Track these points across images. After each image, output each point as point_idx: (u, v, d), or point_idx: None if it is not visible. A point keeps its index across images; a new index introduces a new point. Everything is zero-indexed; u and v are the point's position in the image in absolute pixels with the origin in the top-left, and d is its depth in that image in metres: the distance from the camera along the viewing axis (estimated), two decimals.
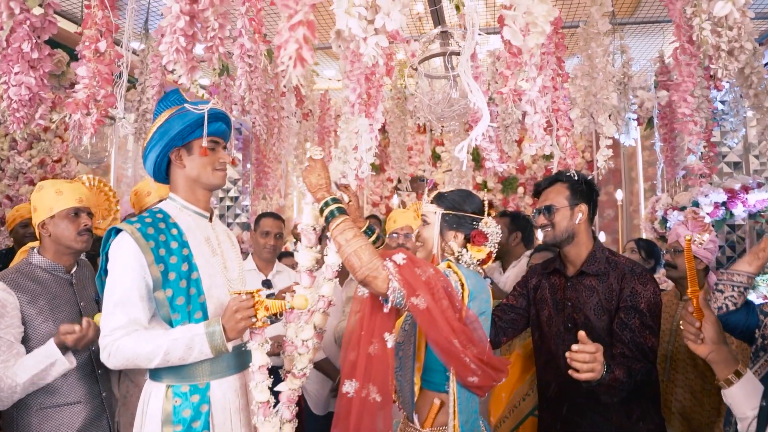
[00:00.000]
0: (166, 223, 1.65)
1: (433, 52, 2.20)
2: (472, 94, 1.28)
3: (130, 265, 1.55)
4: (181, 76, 1.42)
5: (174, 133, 1.64)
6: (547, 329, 2.04)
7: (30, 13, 1.98)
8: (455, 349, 1.50)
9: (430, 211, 1.75)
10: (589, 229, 2.01)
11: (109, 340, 1.52)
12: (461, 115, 2.27)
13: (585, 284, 1.95)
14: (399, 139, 4.04)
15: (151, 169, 1.75)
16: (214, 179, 1.73)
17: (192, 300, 1.60)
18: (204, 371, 1.61)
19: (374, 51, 1.42)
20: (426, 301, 1.46)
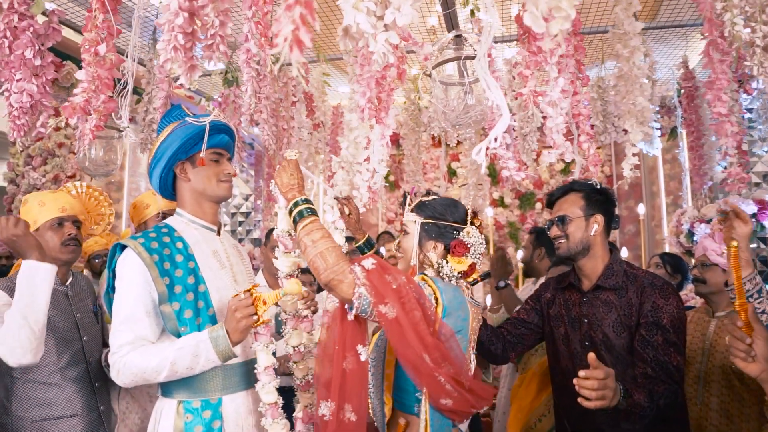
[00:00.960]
0: (171, 237, 1.63)
1: (448, 57, 2.11)
2: (491, 91, 1.18)
3: (135, 281, 1.52)
4: (180, 77, 1.34)
5: (177, 147, 1.64)
6: (563, 348, 1.92)
7: (33, 20, 1.94)
8: (426, 366, 1.37)
9: (410, 220, 1.66)
10: (605, 241, 1.90)
11: (116, 357, 1.49)
12: (477, 122, 2.17)
13: (602, 299, 1.83)
14: (413, 152, 3.95)
15: (158, 185, 1.73)
16: (219, 191, 1.70)
17: (201, 313, 1.57)
18: (216, 386, 1.57)
19: (384, 48, 1.34)
20: (395, 311, 1.35)
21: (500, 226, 6.22)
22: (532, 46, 1.55)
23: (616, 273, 1.83)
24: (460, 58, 2.02)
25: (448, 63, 2.39)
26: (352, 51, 1.77)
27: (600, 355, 1.79)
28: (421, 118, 3.91)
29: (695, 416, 2.47)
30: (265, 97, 2.35)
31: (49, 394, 1.77)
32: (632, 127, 1.83)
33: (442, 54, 2.19)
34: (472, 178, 3.93)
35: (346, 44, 1.43)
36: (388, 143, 1.84)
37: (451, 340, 1.45)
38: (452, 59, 2.07)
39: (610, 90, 3.06)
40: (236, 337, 1.49)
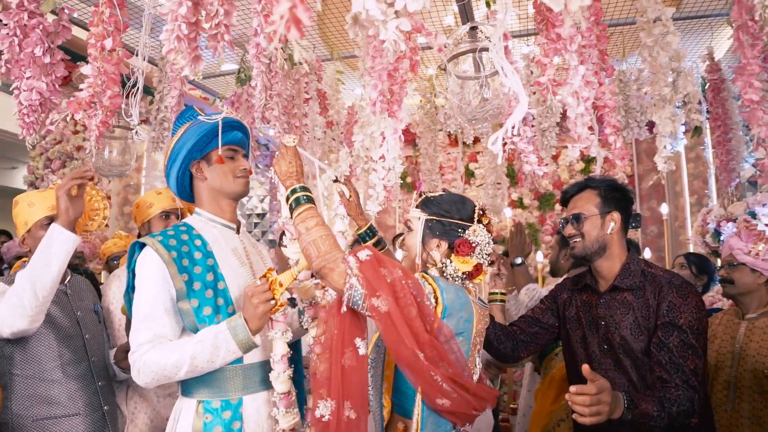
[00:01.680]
0: (190, 234, 1.62)
1: (463, 50, 2.05)
2: (506, 76, 1.11)
3: (154, 278, 1.51)
4: (185, 68, 1.30)
5: (191, 146, 1.63)
6: (580, 351, 1.84)
7: (43, 18, 1.93)
8: (421, 364, 1.30)
9: (414, 217, 1.60)
10: (622, 240, 1.81)
11: (136, 356, 1.47)
12: (494, 117, 2.10)
13: (619, 300, 1.75)
14: (429, 150, 3.88)
15: (175, 187, 1.73)
16: (236, 186, 1.69)
17: (220, 310, 1.54)
18: (236, 385, 1.54)
19: (395, 36, 1.28)
20: (388, 305, 1.28)
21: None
22: (551, 33, 1.48)
23: (633, 273, 1.75)
24: (475, 50, 1.95)
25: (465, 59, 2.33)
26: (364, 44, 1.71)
27: (618, 359, 1.72)
28: (437, 116, 3.85)
29: (725, 423, 2.36)
30: (276, 94, 2.31)
31: (51, 391, 1.74)
32: (661, 119, 1.73)
33: (458, 48, 2.13)
34: (490, 177, 3.85)
35: (356, 32, 1.37)
36: (401, 137, 1.78)
37: (450, 342, 1.38)
38: (467, 51, 2.00)
39: (632, 84, 2.95)
40: (255, 325, 1.46)
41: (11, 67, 1.90)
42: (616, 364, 1.73)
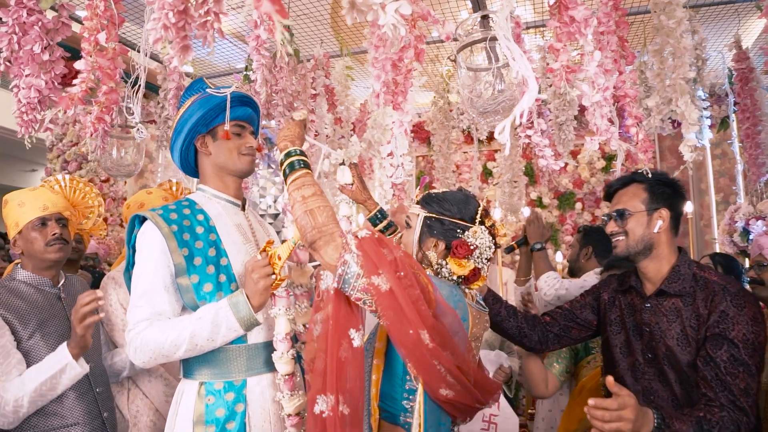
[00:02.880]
0: (192, 209, 1.56)
1: (473, 40, 1.95)
2: (515, 60, 1.02)
3: (153, 253, 1.45)
4: (173, 58, 1.23)
5: (197, 119, 1.56)
6: (620, 357, 1.70)
7: (42, 15, 1.89)
8: (425, 348, 1.19)
9: (414, 213, 1.50)
10: (671, 240, 1.66)
11: (133, 334, 1.41)
12: (507, 109, 2.00)
13: (666, 307, 1.59)
14: (443, 148, 3.78)
15: (179, 160, 1.67)
16: (241, 164, 1.62)
17: (222, 287, 1.48)
18: (240, 366, 1.48)
19: (394, 20, 1.20)
20: (390, 283, 1.17)
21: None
22: (564, 16, 1.38)
23: (684, 277, 1.59)
24: (485, 40, 1.85)
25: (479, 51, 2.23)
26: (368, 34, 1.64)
27: (662, 371, 1.58)
28: (450, 113, 3.75)
29: None
30: (281, 89, 2.24)
31: (48, 403, 1.67)
32: (686, 104, 1.61)
33: (468, 38, 2.03)
34: (506, 175, 3.73)
35: (353, 18, 1.29)
36: (406, 131, 1.70)
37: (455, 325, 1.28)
38: (477, 41, 1.91)
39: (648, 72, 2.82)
40: (257, 301, 1.40)
41: (10, 65, 1.86)
42: (660, 375, 1.59)
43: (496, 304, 1.84)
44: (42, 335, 1.73)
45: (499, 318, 1.84)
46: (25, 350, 1.70)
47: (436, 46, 3.56)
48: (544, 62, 2.77)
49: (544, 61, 2.77)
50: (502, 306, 1.85)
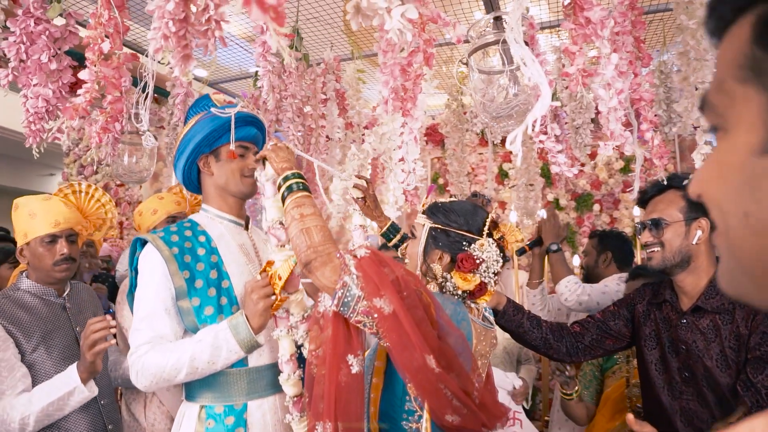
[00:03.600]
0: (194, 231, 1.55)
1: (484, 42, 1.90)
2: (526, 65, 0.97)
3: (155, 277, 1.45)
4: (174, 68, 1.20)
5: (200, 139, 1.56)
6: (656, 375, 1.60)
7: (49, 24, 1.88)
8: (430, 372, 1.12)
9: (419, 223, 1.45)
10: (711, 252, 1.53)
11: (135, 357, 1.40)
12: (521, 114, 1.94)
13: (704, 325, 1.48)
14: (457, 151, 3.72)
15: (181, 177, 1.66)
16: (243, 187, 1.60)
17: (223, 310, 1.47)
18: (240, 390, 1.46)
19: (400, 24, 1.15)
20: (393, 304, 1.11)
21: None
22: (579, 17, 1.32)
23: (722, 292, 1.48)
24: (498, 42, 1.80)
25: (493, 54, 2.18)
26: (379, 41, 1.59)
27: (701, 392, 1.47)
28: (464, 115, 3.69)
29: None
30: (290, 95, 2.21)
31: None
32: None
33: (480, 40, 1.98)
34: (522, 179, 3.66)
35: (358, 23, 1.25)
36: (416, 138, 1.65)
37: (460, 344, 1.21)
38: (489, 44, 1.85)
39: (674, 75, 2.73)
40: (256, 322, 1.38)
41: (18, 74, 1.86)
42: (699, 396, 1.48)
43: (517, 315, 1.76)
44: (46, 348, 1.72)
45: (521, 330, 1.76)
46: (29, 363, 1.68)
47: (450, 48, 3.50)
48: (560, 63, 2.69)
49: (560, 63, 2.69)
50: (525, 317, 1.77)
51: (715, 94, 0.40)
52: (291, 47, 2.26)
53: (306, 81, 2.47)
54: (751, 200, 0.36)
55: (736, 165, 0.37)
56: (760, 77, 0.36)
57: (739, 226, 0.37)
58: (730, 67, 0.39)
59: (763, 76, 0.36)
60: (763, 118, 0.35)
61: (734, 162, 0.37)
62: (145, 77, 2.02)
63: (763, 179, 0.35)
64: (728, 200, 0.38)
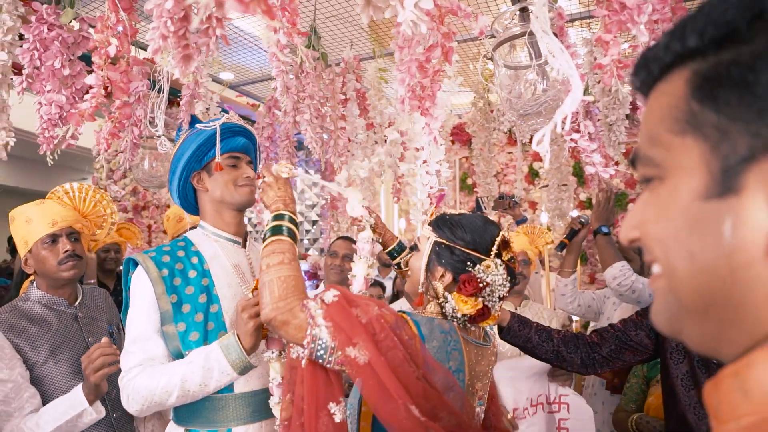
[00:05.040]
0: (187, 251, 1.52)
1: (510, 35, 1.78)
2: (554, 57, 0.86)
3: (145, 300, 1.43)
4: (174, 69, 1.13)
5: (189, 155, 1.54)
6: (682, 392, 1.50)
7: (62, 30, 1.85)
8: (414, 420, 1.01)
9: (424, 235, 1.33)
10: None
11: (125, 381, 1.37)
12: (550, 111, 1.82)
13: None
14: (484, 151, 3.59)
15: (178, 199, 1.63)
16: (238, 196, 1.56)
17: (209, 336, 1.43)
18: (226, 416, 1.42)
19: (413, 15, 1.06)
20: (368, 353, 1.02)
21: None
22: (614, 2, 1.20)
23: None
24: (523, 35, 1.68)
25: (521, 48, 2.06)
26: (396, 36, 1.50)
27: None
28: (491, 114, 3.56)
29: None
30: (308, 96, 2.13)
31: None
32: None
33: (506, 33, 1.86)
34: (553, 179, 3.51)
35: (369, 16, 1.16)
36: (436, 138, 1.55)
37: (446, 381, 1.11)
38: (515, 36, 1.74)
39: None
40: (248, 342, 1.33)
41: (33, 81, 1.84)
42: None
43: (524, 330, 1.65)
44: (55, 361, 1.68)
45: (529, 345, 1.65)
46: (38, 377, 1.64)
47: (476, 43, 3.38)
48: (592, 57, 2.55)
49: (592, 56, 2.55)
50: (532, 331, 1.66)
51: (650, 147, 0.43)
52: (308, 46, 2.19)
53: (324, 81, 2.40)
54: (697, 241, 0.38)
55: (681, 208, 0.40)
56: (699, 129, 0.39)
57: (684, 266, 0.39)
58: (665, 121, 0.41)
59: (702, 128, 0.38)
60: (705, 165, 0.38)
61: (678, 206, 0.40)
62: (160, 80, 1.98)
63: (708, 221, 0.37)
64: (673, 242, 0.40)
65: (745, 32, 0.36)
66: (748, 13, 0.36)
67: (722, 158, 0.37)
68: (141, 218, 5.71)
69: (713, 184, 0.38)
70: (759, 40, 0.36)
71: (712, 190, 0.38)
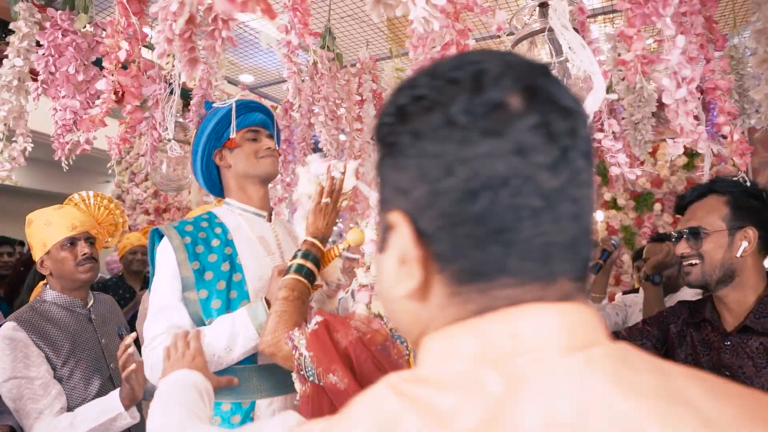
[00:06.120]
0: (210, 222, 1.53)
1: (529, 32, 1.72)
2: (574, 53, 0.80)
3: (169, 268, 1.42)
4: (181, 73, 1.11)
5: (209, 134, 1.54)
6: None
7: (76, 35, 1.85)
8: None
9: None
10: (759, 265, 1.37)
11: (148, 350, 1.36)
12: None
13: (752, 348, 1.30)
14: None
15: (203, 182, 1.63)
16: (261, 167, 1.55)
17: (231, 304, 1.41)
18: (249, 387, 1.41)
19: (425, 12, 1.01)
20: (345, 379, 1.03)
21: (613, 231, 5.53)
22: None
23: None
24: (542, 31, 1.62)
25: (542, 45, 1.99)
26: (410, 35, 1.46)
27: None
28: None
29: None
30: (323, 97, 2.10)
31: None
32: None
33: (525, 29, 1.80)
34: None
35: (380, 14, 1.12)
36: None
37: None
38: (535, 33, 1.67)
39: (747, 61, 2.43)
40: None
41: (48, 86, 1.84)
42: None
43: None
44: (75, 362, 1.70)
45: None
46: (59, 378, 1.66)
47: (497, 41, 3.31)
48: (615, 52, 2.46)
49: (615, 51, 2.46)
50: None
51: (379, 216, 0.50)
52: (323, 47, 2.15)
53: (340, 82, 2.36)
54: (379, 282, 0.49)
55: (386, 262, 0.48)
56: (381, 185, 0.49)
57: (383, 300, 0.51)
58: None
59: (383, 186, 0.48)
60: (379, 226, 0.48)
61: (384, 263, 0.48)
62: (173, 84, 1.97)
63: (380, 265, 0.48)
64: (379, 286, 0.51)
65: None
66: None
67: (380, 222, 0.48)
68: (163, 220, 5.77)
69: (380, 243, 0.48)
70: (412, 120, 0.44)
71: (379, 247, 0.48)
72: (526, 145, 0.40)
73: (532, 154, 0.40)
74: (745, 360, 1.30)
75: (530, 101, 0.41)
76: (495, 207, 0.40)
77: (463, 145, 0.40)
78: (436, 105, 0.42)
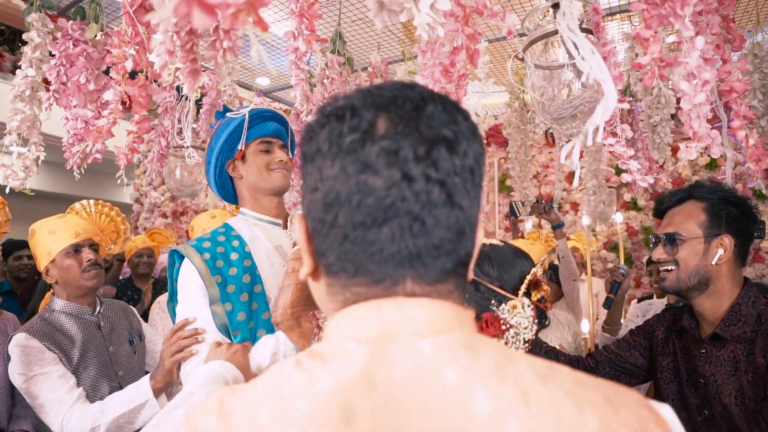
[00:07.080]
0: (227, 235, 1.52)
1: (541, 34, 1.67)
2: (583, 60, 0.77)
3: (193, 288, 1.41)
4: (183, 85, 1.09)
5: (222, 144, 1.54)
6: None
7: (87, 45, 1.86)
8: None
9: None
10: (735, 273, 1.34)
11: (190, 367, 1.36)
12: (585, 114, 1.70)
13: (724, 356, 1.28)
14: (520, 154, 3.47)
15: (217, 191, 1.63)
16: (272, 181, 1.53)
17: (254, 316, 1.41)
18: None
19: (429, 18, 0.98)
20: None
21: (633, 232, 5.42)
22: None
23: (745, 318, 1.27)
24: (552, 35, 1.57)
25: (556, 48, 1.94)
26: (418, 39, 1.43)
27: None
28: (527, 115, 3.43)
29: None
30: None
31: None
32: None
33: (537, 31, 1.75)
34: (592, 181, 3.34)
35: (384, 21, 1.09)
36: None
37: None
38: (547, 35, 1.63)
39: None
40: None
41: (59, 96, 1.85)
42: None
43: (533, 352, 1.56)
44: (84, 369, 1.71)
45: None
46: None
47: (509, 41, 3.26)
48: (633, 52, 2.40)
49: (633, 51, 2.40)
50: (542, 351, 1.58)
51: None
52: (333, 51, 2.13)
53: (350, 87, 2.34)
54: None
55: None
56: None
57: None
58: None
59: None
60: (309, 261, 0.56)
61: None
62: (185, 91, 1.97)
63: (313, 288, 0.58)
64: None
65: None
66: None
67: None
68: (180, 223, 5.83)
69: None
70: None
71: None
72: (369, 169, 0.48)
73: (373, 177, 0.47)
74: (718, 368, 1.28)
75: (385, 132, 0.48)
76: (341, 219, 0.49)
77: (323, 168, 0.50)
78: (313, 134, 0.52)
